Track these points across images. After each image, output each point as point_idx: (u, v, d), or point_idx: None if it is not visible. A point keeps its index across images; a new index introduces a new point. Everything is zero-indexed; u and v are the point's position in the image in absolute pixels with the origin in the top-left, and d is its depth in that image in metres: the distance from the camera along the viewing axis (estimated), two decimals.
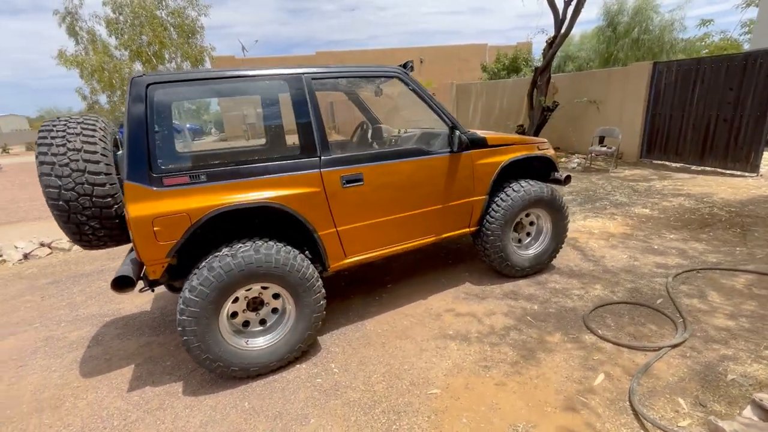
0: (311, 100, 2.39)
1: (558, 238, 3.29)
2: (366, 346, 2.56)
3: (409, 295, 3.18)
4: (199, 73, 2.17)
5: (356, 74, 2.61)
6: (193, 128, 24.53)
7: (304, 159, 2.35)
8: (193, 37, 13.51)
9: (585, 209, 4.98)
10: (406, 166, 2.65)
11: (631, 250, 3.68)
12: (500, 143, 3.02)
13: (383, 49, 23.64)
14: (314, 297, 2.35)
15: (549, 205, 3.16)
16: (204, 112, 27.62)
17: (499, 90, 9.54)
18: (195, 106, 16.22)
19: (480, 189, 2.97)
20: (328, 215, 2.43)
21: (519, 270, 3.20)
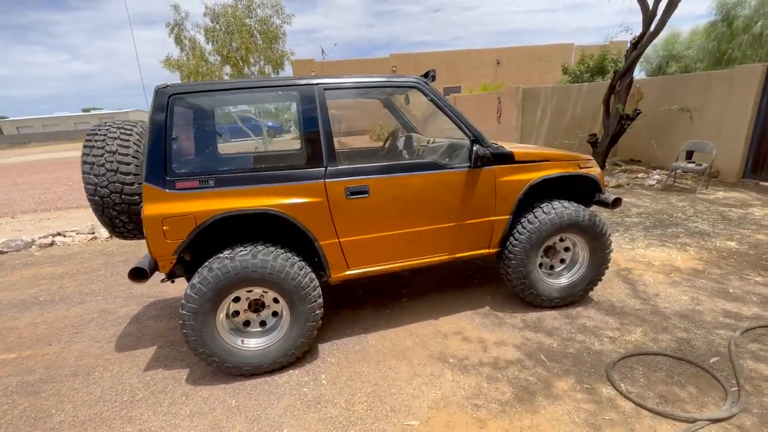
0: (321, 111, 2.40)
1: (596, 269, 2.89)
2: (361, 362, 2.51)
3: (421, 312, 3.06)
4: (218, 84, 2.31)
5: (373, 85, 2.56)
6: (273, 126, 26.55)
7: (309, 169, 2.37)
8: (276, 42, 14.59)
9: (651, 235, 4.32)
10: (417, 179, 2.53)
11: (697, 290, 3.09)
12: (531, 159, 2.75)
13: (458, 51, 23.12)
14: (309, 306, 2.36)
15: (586, 231, 2.79)
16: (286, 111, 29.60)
17: (573, 95, 8.72)
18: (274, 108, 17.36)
19: (503, 208, 2.73)
20: (331, 226, 2.43)
21: (546, 300, 2.89)
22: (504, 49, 23.28)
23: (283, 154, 2.69)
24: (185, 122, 2.28)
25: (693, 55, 17.23)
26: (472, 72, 23.21)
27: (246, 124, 17.75)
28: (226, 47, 13.87)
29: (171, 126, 2.21)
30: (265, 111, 15.97)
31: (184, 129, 2.29)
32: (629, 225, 4.70)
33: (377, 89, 2.67)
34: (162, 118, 2.19)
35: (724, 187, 6.16)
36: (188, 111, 2.30)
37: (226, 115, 11.56)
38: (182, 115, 2.26)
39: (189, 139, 2.33)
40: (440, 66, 22.81)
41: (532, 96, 8.48)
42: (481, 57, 23.16)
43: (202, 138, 2.39)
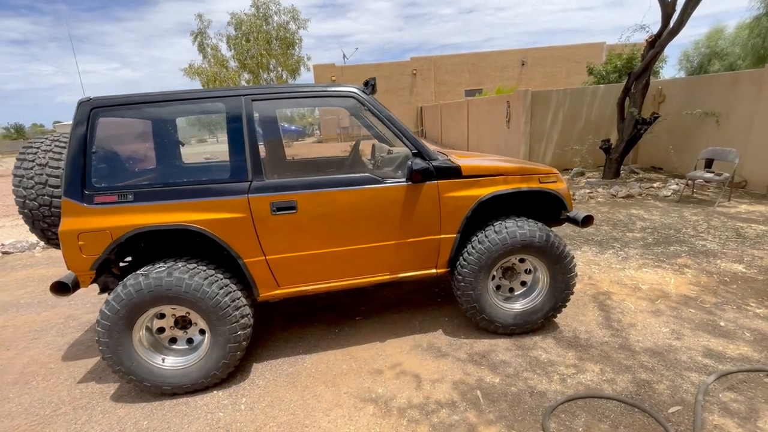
0: (248, 123, 2.30)
1: (558, 295, 2.61)
2: (289, 386, 2.38)
3: (370, 333, 2.89)
4: (142, 96, 2.26)
5: (305, 95, 2.43)
6: (296, 130, 27.05)
7: (232, 183, 2.28)
8: (292, 48, 14.84)
9: (648, 254, 3.91)
10: (349, 195, 2.38)
11: (681, 322, 2.73)
12: (482, 173, 2.52)
13: (481, 53, 22.59)
14: (229, 327, 2.26)
15: (543, 253, 2.52)
16: (309, 115, 30.08)
17: (587, 98, 8.19)
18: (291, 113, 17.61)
19: (449, 226, 2.52)
20: (256, 243, 2.32)
21: (500, 326, 2.64)
22: (529, 49, 22.51)
23: (211, 167, 2.61)
24: (109, 135, 2.25)
25: (737, 52, 15.95)
26: (495, 74, 22.62)
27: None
28: (243, 54, 14.26)
29: (92, 140, 2.17)
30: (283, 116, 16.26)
31: (108, 142, 2.25)
32: (628, 241, 4.30)
33: (311, 99, 2.54)
34: (82, 131, 2.17)
35: (750, 199, 5.54)
36: (112, 124, 2.26)
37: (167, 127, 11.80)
38: (106, 128, 2.23)
39: (113, 152, 2.30)
40: (462, 68, 22.41)
41: (542, 99, 8.06)
42: (504, 58, 22.52)
43: (126, 151, 2.35)
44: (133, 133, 2.35)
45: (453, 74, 22.68)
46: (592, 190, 6.33)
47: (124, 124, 2.32)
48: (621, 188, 6.23)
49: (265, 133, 2.79)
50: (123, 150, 2.31)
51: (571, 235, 4.63)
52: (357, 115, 3.03)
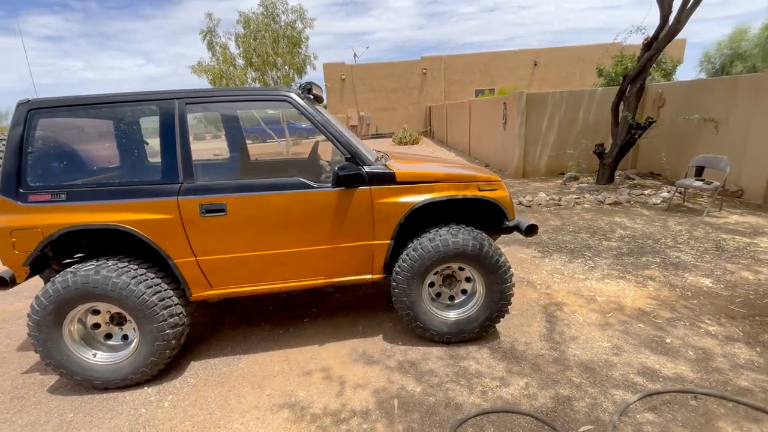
0: (180, 125, 2.34)
1: (494, 305, 2.56)
2: (217, 386, 2.41)
3: (312, 336, 2.90)
4: (78, 99, 2.32)
5: (239, 98, 2.45)
6: (308, 128, 27.26)
7: (163, 185, 2.32)
8: (298, 47, 14.94)
9: (617, 264, 3.80)
10: (279, 199, 2.39)
11: (627, 337, 2.65)
12: (417, 180, 2.49)
13: (492, 52, 22.28)
14: (157, 325, 2.31)
15: (477, 262, 2.48)
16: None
17: (585, 101, 7.97)
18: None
19: (383, 232, 2.51)
20: (186, 244, 2.36)
21: (436, 334, 2.61)
22: (542, 49, 22.08)
23: (149, 168, 2.66)
24: (45, 136, 2.32)
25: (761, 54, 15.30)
26: (507, 74, 22.28)
27: (270, 127, 18.38)
28: (251, 52, 14.43)
29: (28, 140, 2.25)
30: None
31: (45, 143, 2.33)
32: (601, 250, 4.18)
33: (245, 102, 2.56)
34: (19, 131, 2.24)
35: (743, 209, 5.31)
36: (49, 125, 2.34)
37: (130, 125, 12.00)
38: (43, 129, 2.30)
39: (49, 152, 2.37)
40: (473, 68, 22.15)
41: (537, 102, 7.89)
42: (517, 59, 22.15)
43: (63, 152, 2.42)
44: (71, 135, 2.41)
45: (464, 74, 22.45)
46: (580, 195, 6.18)
47: (61, 126, 2.39)
48: (609, 195, 6.06)
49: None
50: (60, 150, 2.38)
51: (545, 242, 4.54)
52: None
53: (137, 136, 2.48)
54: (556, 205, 5.93)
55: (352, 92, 22.58)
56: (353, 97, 22.64)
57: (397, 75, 22.32)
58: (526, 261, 4.02)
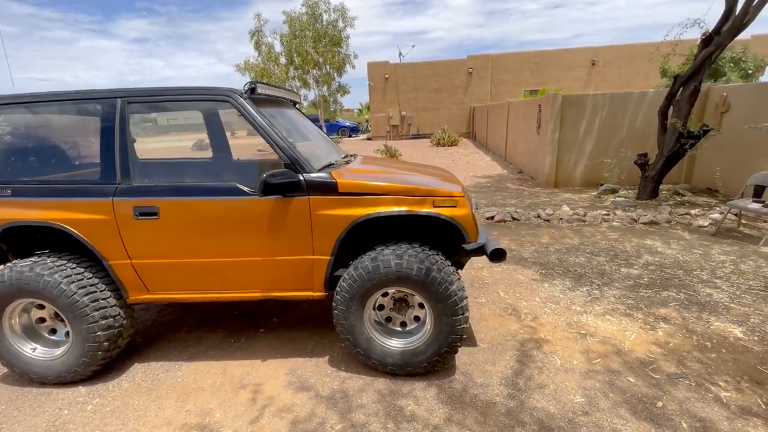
0: (120, 124, 2.28)
1: (443, 339, 2.23)
2: (144, 394, 2.34)
3: (260, 349, 2.76)
4: (22, 97, 2.34)
5: (179, 97, 2.34)
6: (351, 127, 27.57)
7: (100, 185, 2.28)
8: (339, 46, 15.04)
9: (628, 296, 3.24)
10: (212, 204, 2.25)
11: (607, 392, 2.19)
12: (363, 191, 2.23)
13: (545, 51, 20.93)
14: (86, 326, 2.28)
15: (423, 288, 2.17)
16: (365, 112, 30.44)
17: (632, 105, 7.07)
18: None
19: (322, 247, 2.28)
20: (121, 246, 2.30)
21: (378, 364, 2.35)
22: (602, 47, 20.34)
23: (90, 167, 2.63)
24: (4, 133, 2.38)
25: None
26: (561, 74, 20.84)
27: None
28: (292, 51, 14.78)
29: None
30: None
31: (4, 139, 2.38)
32: (615, 278, 3.61)
33: (188, 102, 2.45)
34: None
35: None
36: (9, 122, 2.39)
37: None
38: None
39: (14, 148, 2.42)
40: (523, 67, 21.01)
41: (575, 105, 7.16)
42: (572, 57, 20.62)
43: (13, 148, 2.47)
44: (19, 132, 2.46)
45: (513, 73, 21.34)
46: (610, 212, 5.47)
47: (9, 122, 2.43)
48: (646, 212, 5.30)
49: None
50: (7, 147, 2.43)
51: (551, 263, 4.03)
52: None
53: (81, 134, 2.47)
54: (579, 220, 5.30)
55: (394, 91, 22.39)
56: (396, 97, 22.44)
57: (441, 74, 21.74)
58: (521, 284, 3.57)
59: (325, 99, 16.27)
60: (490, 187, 8.00)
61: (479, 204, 6.42)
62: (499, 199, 6.86)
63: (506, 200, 6.78)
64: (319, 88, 16.12)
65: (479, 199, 6.89)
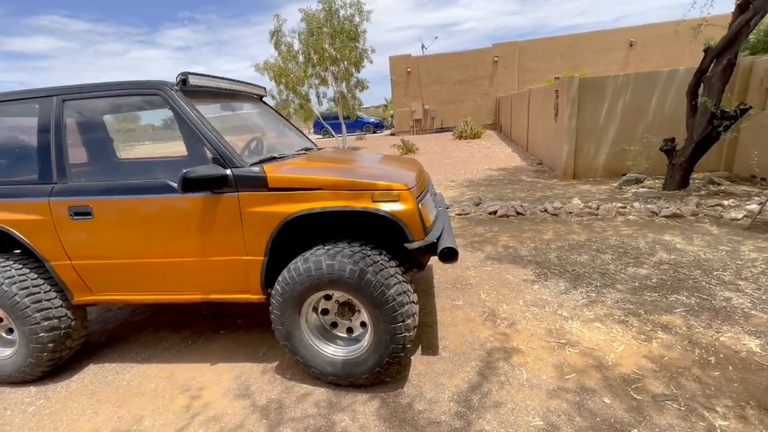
0: (56, 123, 2.23)
1: (382, 349, 2.01)
2: (85, 397, 2.30)
3: (213, 351, 2.66)
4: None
5: (111, 93, 2.25)
6: (375, 123, 27.42)
7: (37, 185, 2.25)
8: (356, 41, 14.86)
9: (628, 301, 2.84)
10: (143, 203, 2.15)
11: (574, 415, 1.87)
12: (294, 186, 2.04)
13: (577, 34, 19.65)
14: (29, 328, 2.26)
15: (357, 292, 1.96)
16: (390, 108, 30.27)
17: (659, 85, 6.35)
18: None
19: (254, 247, 2.12)
20: (60, 246, 2.27)
21: (318, 373, 2.17)
22: (641, 27, 18.80)
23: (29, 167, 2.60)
24: None
25: None
26: (595, 58, 19.53)
27: (327, 122, 18.76)
28: (309, 48, 14.78)
29: None
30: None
31: None
32: (619, 279, 3.21)
33: (122, 98, 2.35)
34: None
35: None
36: None
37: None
38: None
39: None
40: (553, 53, 19.91)
41: (594, 87, 6.57)
42: (608, 39, 19.23)
43: None
44: None
45: (542, 60, 20.25)
46: (627, 204, 4.93)
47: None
48: (669, 204, 4.73)
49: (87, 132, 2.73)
50: None
51: (550, 261, 3.65)
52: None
53: (22, 134, 2.45)
54: (591, 214, 4.82)
55: (417, 85, 21.95)
56: (418, 90, 22.00)
57: (465, 65, 21.02)
58: (508, 286, 3.25)
59: (343, 95, 16.17)
60: (501, 180, 7.55)
61: (484, 198, 6.05)
62: (508, 193, 6.43)
63: (515, 194, 6.34)
64: (338, 85, 16.04)
65: (486, 193, 6.50)
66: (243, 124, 3.06)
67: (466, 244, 4.26)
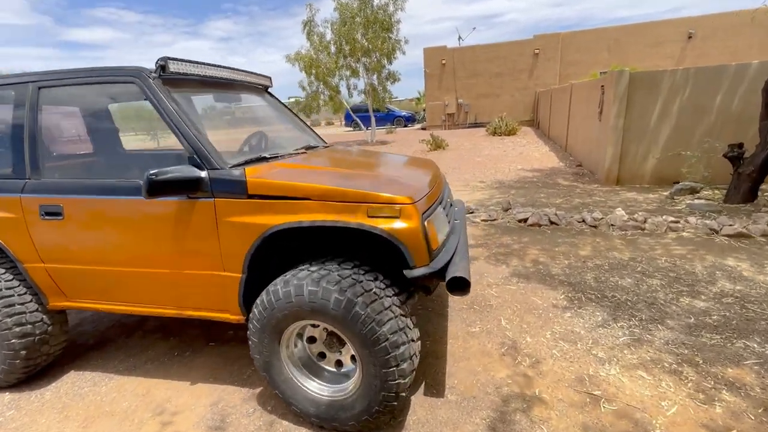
0: (30, 113, 2.03)
1: (371, 395, 1.67)
2: (57, 411, 2.13)
3: (196, 367, 2.43)
4: None
5: (87, 80, 2.01)
6: (407, 116, 26.86)
7: (10, 180, 2.06)
8: (389, 32, 14.40)
9: (683, 343, 2.34)
10: (112, 205, 1.92)
11: None
12: (277, 194, 1.73)
13: (628, 25, 18.17)
14: (0, 333, 2.10)
15: (344, 327, 1.62)
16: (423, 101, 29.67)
17: (725, 81, 5.53)
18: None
19: (231, 262, 1.83)
20: (32, 247, 2.08)
21: (299, 412, 1.87)
22: (702, 17, 17.09)
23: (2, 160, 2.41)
24: None
25: None
26: (648, 51, 18.02)
27: (357, 115, 18.45)
28: (341, 39, 14.48)
29: None
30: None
31: None
32: (670, 312, 2.70)
33: (98, 86, 2.10)
34: None
35: None
36: None
37: None
38: None
39: None
40: (599, 46, 18.59)
41: (646, 83, 5.84)
42: (662, 31, 17.65)
43: None
44: None
45: (586, 53, 18.92)
46: (680, 219, 4.29)
47: None
48: (733, 221, 4.06)
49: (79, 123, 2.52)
50: None
51: (586, 283, 3.17)
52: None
53: (6, 123, 2.26)
54: (636, 228, 4.23)
55: (452, 77, 21.20)
56: (453, 83, 21.25)
57: (504, 57, 20.03)
58: (534, 311, 2.82)
59: (373, 87, 15.80)
60: (535, 183, 6.96)
61: (514, 203, 5.54)
62: (542, 198, 5.87)
63: (550, 199, 5.78)
64: (369, 76, 15.68)
65: (517, 197, 5.97)
66: (242, 117, 2.79)
67: (489, 256, 3.83)
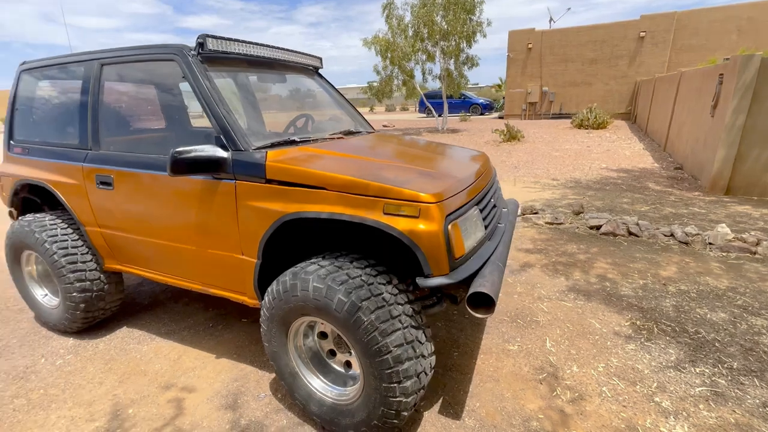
0: (93, 89, 2.19)
1: (370, 406, 1.52)
2: (103, 362, 2.35)
3: (225, 342, 2.52)
4: (63, 58, 2.42)
5: (134, 57, 2.07)
6: (484, 104, 25.56)
7: (76, 149, 2.27)
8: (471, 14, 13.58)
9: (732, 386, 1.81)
10: (151, 180, 2.00)
11: None
12: (294, 180, 1.63)
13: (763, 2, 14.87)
14: (64, 286, 2.37)
15: (347, 330, 1.49)
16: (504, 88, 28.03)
17: None
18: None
19: (248, 246, 1.80)
20: (91, 213, 2.29)
21: (304, 408, 1.80)
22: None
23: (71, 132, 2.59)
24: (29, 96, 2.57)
25: None
26: None
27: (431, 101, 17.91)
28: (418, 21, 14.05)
29: (15, 98, 2.55)
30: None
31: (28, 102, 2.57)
32: (718, 347, 2.13)
33: (140, 63, 2.12)
34: (12, 91, 2.56)
35: None
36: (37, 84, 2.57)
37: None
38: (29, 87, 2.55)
39: (31, 110, 2.61)
40: (726, 27, 15.66)
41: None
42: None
43: (43, 110, 2.63)
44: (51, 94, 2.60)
45: (707, 36, 16.00)
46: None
47: (47, 85, 2.60)
48: None
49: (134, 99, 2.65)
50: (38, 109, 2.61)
51: (664, 311, 2.65)
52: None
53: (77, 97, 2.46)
54: (744, 250, 3.44)
55: (537, 63, 19.53)
56: (538, 69, 19.58)
57: (601, 41, 17.83)
58: (590, 335, 2.43)
59: (449, 73, 15.16)
60: (619, 185, 6.09)
61: (589, 206, 4.89)
62: (624, 203, 5.10)
63: (634, 205, 4.99)
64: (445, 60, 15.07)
65: (594, 200, 5.27)
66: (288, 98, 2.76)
67: (546, 265, 3.41)
